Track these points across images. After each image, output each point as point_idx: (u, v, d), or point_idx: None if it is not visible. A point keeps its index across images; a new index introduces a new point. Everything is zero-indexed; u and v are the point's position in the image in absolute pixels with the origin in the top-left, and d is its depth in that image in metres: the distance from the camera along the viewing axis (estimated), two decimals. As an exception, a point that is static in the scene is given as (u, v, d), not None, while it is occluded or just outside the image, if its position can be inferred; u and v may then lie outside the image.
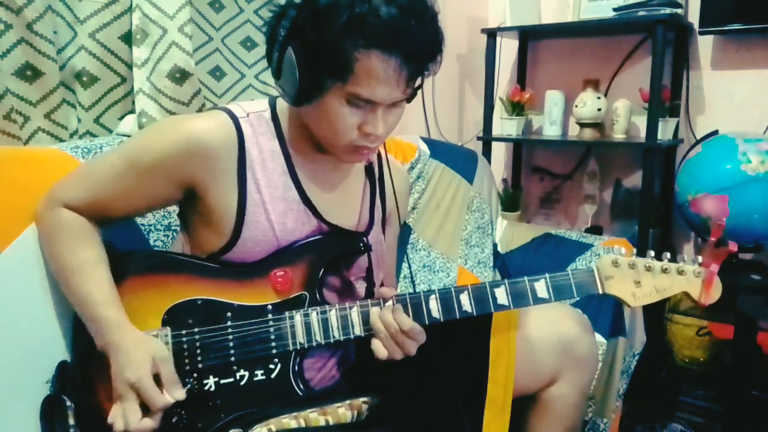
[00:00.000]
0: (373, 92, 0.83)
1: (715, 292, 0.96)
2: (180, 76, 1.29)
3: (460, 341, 1.02)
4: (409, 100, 0.91)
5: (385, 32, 0.79)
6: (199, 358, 0.91)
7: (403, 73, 0.83)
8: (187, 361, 0.91)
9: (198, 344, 0.91)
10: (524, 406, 1.08)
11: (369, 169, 1.09)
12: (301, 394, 0.93)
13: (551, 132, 2.34)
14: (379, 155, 1.11)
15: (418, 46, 0.82)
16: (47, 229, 0.93)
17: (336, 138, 0.90)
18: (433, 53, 0.86)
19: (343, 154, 0.93)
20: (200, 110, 1.36)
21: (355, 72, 0.81)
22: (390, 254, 1.19)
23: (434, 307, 0.95)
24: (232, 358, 0.92)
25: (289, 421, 0.92)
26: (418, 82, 0.88)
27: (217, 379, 0.91)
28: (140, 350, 0.85)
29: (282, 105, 0.99)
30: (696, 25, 2.05)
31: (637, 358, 1.73)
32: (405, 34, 0.80)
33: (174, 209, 1.14)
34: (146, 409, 0.84)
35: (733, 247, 0.94)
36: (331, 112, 0.86)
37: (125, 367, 0.84)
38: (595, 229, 2.32)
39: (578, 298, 1.56)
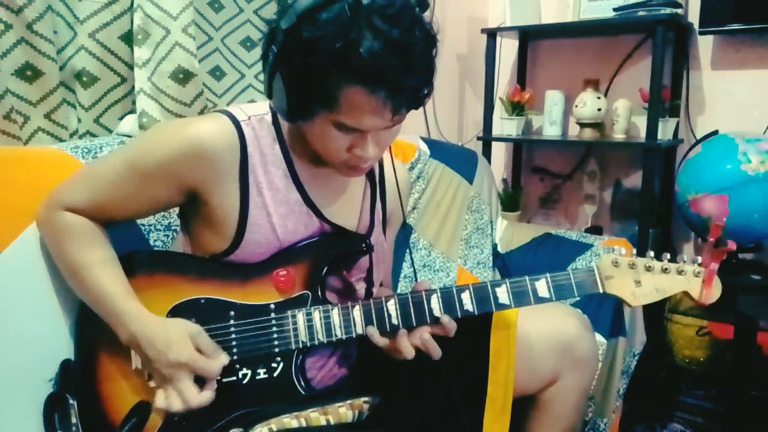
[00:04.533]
0: (360, 123, 0.82)
1: (715, 292, 0.96)
2: (183, 76, 1.29)
3: (460, 342, 1.02)
4: (416, 107, 0.88)
5: (366, 69, 0.76)
6: (201, 357, 0.91)
7: (389, 106, 0.80)
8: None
9: (200, 343, 0.91)
10: (524, 406, 1.08)
11: (369, 171, 1.09)
12: (303, 392, 0.93)
13: (551, 132, 2.34)
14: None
15: (404, 82, 0.79)
16: (53, 232, 0.93)
17: (327, 156, 0.90)
18: (420, 85, 0.83)
19: (339, 169, 0.93)
20: (202, 111, 1.36)
21: (340, 104, 0.80)
22: (388, 255, 1.19)
23: (436, 306, 0.95)
24: (235, 357, 0.92)
25: (290, 420, 0.92)
26: (420, 100, 0.86)
27: (219, 377, 0.91)
28: (172, 332, 0.87)
29: None
30: (696, 25, 2.05)
31: (637, 358, 1.73)
32: (389, 71, 0.77)
33: (174, 209, 1.14)
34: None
35: (732, 245, 0.94)
36: (321, 135, 0.86)
37: (167, 350, 0.85)
38: (595, 229, 2.33)
39: (579, 298, 1.57)
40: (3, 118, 1.09)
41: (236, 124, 0.93)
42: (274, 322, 0.94)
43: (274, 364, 0.94)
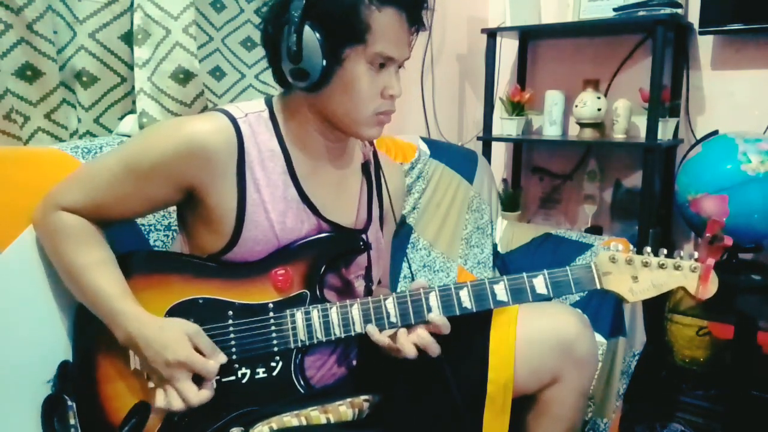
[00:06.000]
0: (393, 48, 0.90)
1: (712, 287, 0.96)
2: (184, 76, 1.29)
3: (460, 341, 1.02)
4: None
5: None
6: (200, 357, 0.91)
7: (413, 28, 0.92)
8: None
9: (199, 343, 0.91)
10: (524, 406, 1.08)
11: (365, 168, 1.09)
12: (302, 391, 0.94)
13: (551, 132, 2.34)
14: (375, 154, 1.12)
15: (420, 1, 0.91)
16: (50, 233, 0.92)
17: (360, 108, 0.92)
18: (425, 8, 0.94)
19: (366, 127, 0.95)
20: (202, 112, 1.36)
21: (373, 31, 0.87)
22: (386, 253, 1.19)
23: (434, 303, 0.95)
24: (234, 356, 0.93)
25: (290, 419, 0.92)
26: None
27: (218, 377, 0.91)
28: (171, 331, 0.87)
29: (279, 104, 0.99)
30: (696, 25, 2.05)
31: (637, 358, 1.73)
32: None
33: (174, 209, 1.14)
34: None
35: (728, 241, 0.94)
36: (355, 80, 0.90)
37: (165, 350, 0.85)
38: (595, 229, 2.32)
39: (578, 298, 1.58)
40: (3, 118, 1.09)
41: (233, 121, 0.93)
42: (272, 321, 0.94)
43: (273, 364, 0.94)
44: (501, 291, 0.96)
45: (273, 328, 0.94)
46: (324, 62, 0.87)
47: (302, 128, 0.97)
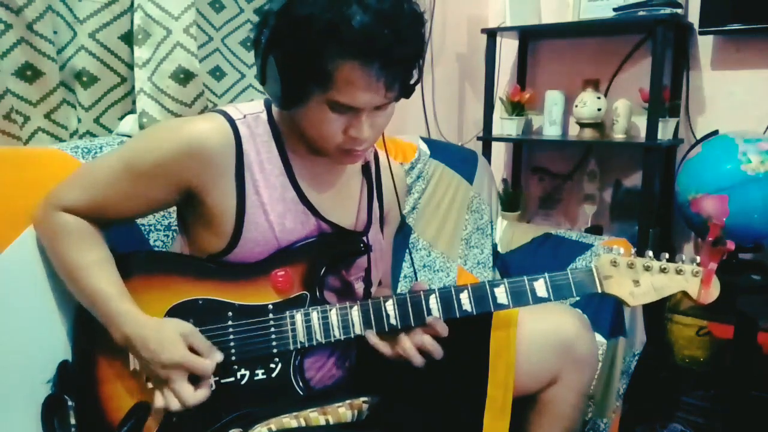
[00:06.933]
0: (354, 99, 0.83)
1: (714, 291, 0.96)
2: (184, 77, 1.29)
3: (460, 342, 1.02)
4: (407, 96, 0.91)
5: (360, 41, 0.78)
6: (199, 358, 0.91)
7: (383, 80, 0.82)
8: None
9: (198, 344, 0.91)
10: (524, 406, 1.08)
11: (366, 169, 1.09)
12: (301, 393, 0.93)
13: (551, 132, 2.34)
14: (375, 154, 1.11)
15: (395, 53, 0.81)
16: (50, 233, 0.93)
17: (323, 142, 0.90)
18: (411, 59, 0.86)
19: (334, 155, 0.93)
20: (203, 112, 1.36)
21: (333, 80, 0.81)
22: (386, 254, 1.19)
23: (434, 306, 0.95)
24: (233, 358, 0.92)
25: (289, 420, 0.92)
26: (411, 80, 0.89)
27: (217, 378, 0.91)
28: (166, 332, 0.87)
29: None
30: (696, 25, 2.05)
31: (637, 358, 1.73)
32: (380, 42, 0.79)
33: (174, 209, 1.14)
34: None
35: (730, 245, 0.94)
36: (316, 117, 0.87)
37: (160, 351, 0.85)
38: (595, 229, 2.32)
39: (578, 298, 1.57)
40: (3, 118, 1.09)
41: (231, 122, 0.93)
42: (272, 322, 0.94)
43: (272, 365, 0.94)
44: (501, 294, 0.96)
45: (272, 329, 0.94)
46: (282, 94, 0.85)
47: (298, 131, 0.97)
